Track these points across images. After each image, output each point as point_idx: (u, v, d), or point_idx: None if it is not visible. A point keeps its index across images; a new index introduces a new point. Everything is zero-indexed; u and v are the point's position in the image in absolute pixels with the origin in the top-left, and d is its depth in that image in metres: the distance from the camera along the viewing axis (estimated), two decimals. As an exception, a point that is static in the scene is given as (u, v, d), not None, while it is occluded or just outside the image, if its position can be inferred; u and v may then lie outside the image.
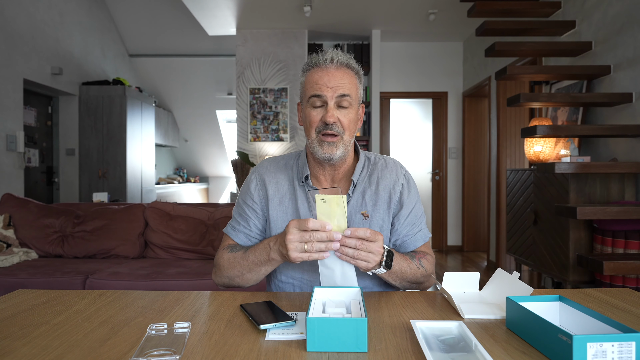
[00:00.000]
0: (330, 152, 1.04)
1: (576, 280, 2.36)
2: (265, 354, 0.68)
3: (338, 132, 1.03)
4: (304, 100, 1.07)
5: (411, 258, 1.05)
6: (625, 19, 2.49)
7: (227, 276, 1.07)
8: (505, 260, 4.29)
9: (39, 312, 0.88)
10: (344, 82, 1.03)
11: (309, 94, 1.04)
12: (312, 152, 1.07)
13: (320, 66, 1.04)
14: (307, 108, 1.06)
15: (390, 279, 1.01)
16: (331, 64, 1.03)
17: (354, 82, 1.06)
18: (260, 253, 1.00)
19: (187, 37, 6.13)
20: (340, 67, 1.04)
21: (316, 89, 1.02)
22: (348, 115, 1.04)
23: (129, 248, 2.83)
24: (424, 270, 1.06)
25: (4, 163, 3.98)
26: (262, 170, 1.17)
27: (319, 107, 1.04)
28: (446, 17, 4.53)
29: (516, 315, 0.75)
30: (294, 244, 0.90)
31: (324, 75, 1.03)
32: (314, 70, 1.05)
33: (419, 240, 1.13)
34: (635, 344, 0.58)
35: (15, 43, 4.09)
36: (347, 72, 1.05)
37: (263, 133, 5.06)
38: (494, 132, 4.55)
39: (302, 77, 1.08)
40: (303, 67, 1.09)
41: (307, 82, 1.06)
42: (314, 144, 1.05)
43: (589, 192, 2.38)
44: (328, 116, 1.01)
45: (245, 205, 1.15)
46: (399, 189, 1.12)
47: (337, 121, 1.03)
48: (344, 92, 1.02)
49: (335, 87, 1.02)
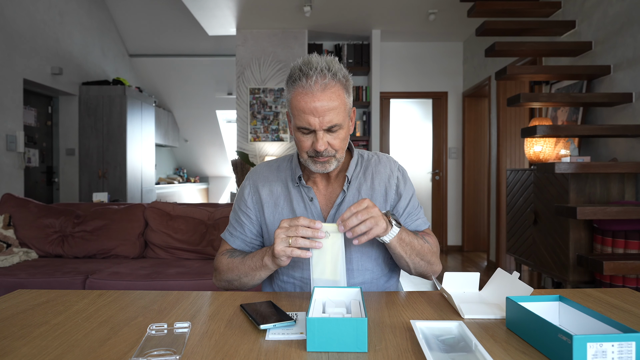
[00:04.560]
0: (324, 168, 1.04)
1: (576, 280, 2.36)
2: (265, 354, 0.68)
3: (329, 154, 1.02)
4: (293, 124, 1.03)
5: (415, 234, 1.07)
6: (625, 19, 2.49)
7: (226, 280, 1.10)
8: (505, 260, 4.29)
9: (39, 312, 0.88)
10: (331, 106, 0.96)
11: (297, 124, 1.00)
12: (306, 166, 1.08)
13: (305, 89, 0.96)
14: (296, 132, 1.03)
15: (402, 250, 1.01)
16: (316, 86, 0.95)
17: (341, 99, 0.99)
18: (257, 259, 1.02)
19: (187, 37, 6.13)
20: (326, 89, 0.96)
21: (304, 121, 0.97)
22: (339, 137, 1.02)
23: (129, 248, 2.83)
24: (429, 246, 1.07)
25: (4, 163, 3.98)
26: (255, 175, 1.18)
27: (308, 134, 1.01)
28: (446, 17, 4.53)
29: (516, 315, 0.75)
30: (280, 237, 0.91)
31: (310, 101, 0.95)
32: (297, 93, 0.97)
33: (419, 227, 1.16)
34: (635, 344, 0.58)
35: (15, 43, 4.09)
36: (334, 89, 0.97)
37: (263, 133, 5.06)
38: (494, 132, 4.55)
39: (287, 92, 1.02)
40: (287, 79, 1.01)
41: (293, 106, 0.99)
42: (307, 162, 1.05)
43: (589, 192, 2.38)
44: (318, 145, 0.99)
45: (239, 211, 1.17)
46: (395, 182, 1.14)
47: (328, 146, 1.01)
48: (331, 123, 0.97)
49: (322, 119, 0.96)
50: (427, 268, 1.08)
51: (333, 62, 0.99)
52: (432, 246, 1.09)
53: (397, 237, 0.98)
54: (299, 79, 0.97)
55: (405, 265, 1.06)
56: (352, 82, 1.07)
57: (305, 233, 0.90)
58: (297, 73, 0.98)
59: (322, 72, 0.96)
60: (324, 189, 1.14)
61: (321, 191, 1.14)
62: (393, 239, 0.98)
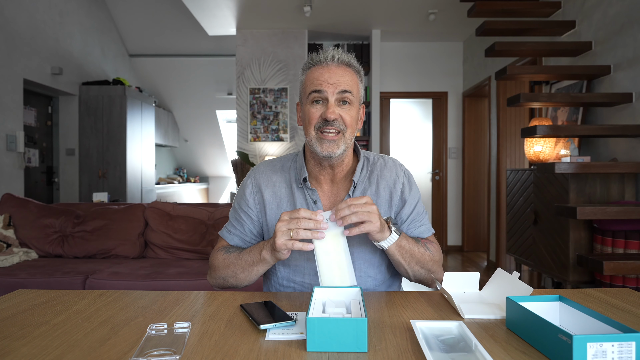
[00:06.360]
0: (331, 150, 1.01)
1: (576, 280, 2.36)
2: (265, 354, 0.68)
3: (340, 128, 1.01)
4: (304, 97, 1.05)
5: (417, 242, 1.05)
6: (625, 19, 2.49)
7: (221, 277, 1.07)
8: (505, 260, 4.29)
9: (39, 312, 0.88)
10: (345, 78, 1.02)
11: (309, 90, 1.03)
12: (312, 149, 1.05)
13: (322, 64, 1.03)
14: (306, 105, 1.04)
15: (401, 257, 1.00)
16: (332, 61, 1.02)
17: (355, 80, 1.05)
18: (255, 253, 1.00)
19: (187, 37, 6.13)
20: (341, 65, 1.03)
21: (317, 84, 1.01)
22: (350, 112, 1.03)
23: (129, 248, 2.83)
24: (430, 254, 1.05)
25: (4, 163, 3.98)
26: (258, 175, 1.15)
27: (319, 104, 1.02)
28: (446, 17, 4.53)
29: (516, 315, 0.75)
30: (281, 230, 0.90)
31: (325, 72, 1.01)
32: (314, 68, 1.04)
33: (423, 234, 1.13)
34: (635, 344, 0.58)
35: (15, 43, 4.09)
36: (348, 70, 1.04)
37: (263, 133, 5.06)
38: (494, 132, 4.55)
39: (302, 75, 1.07)
40: (303, 65, 1.07)
41: (307, 80, 1.04)
42: (313, 141, 1.03)
43: (589, 192, 2.38)
44: (329, 112, 0.99)
45: (240, 210, 1.14)
46: (400, 187, 1.12)
47: (339, 117, 1.01)
48: (345, 88, 1.01)
49: (336, 84, 1.01)
50: (427, 276, 1.07)
51: (349, 54, 1.06)
52: (433, 254, 1.07)
53: (396, 244, 0.97)
54: (316, 58, 1.04)
55: (404, 271, 1.05)
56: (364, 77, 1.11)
57: (307, 225, 0.89)
58: (314, 55, 1.05)
59: (339, 53, 1.04)
60: (329, 191, 1.11)
61: (325, 193, 1.11)
62: (391, 245, 0.97)
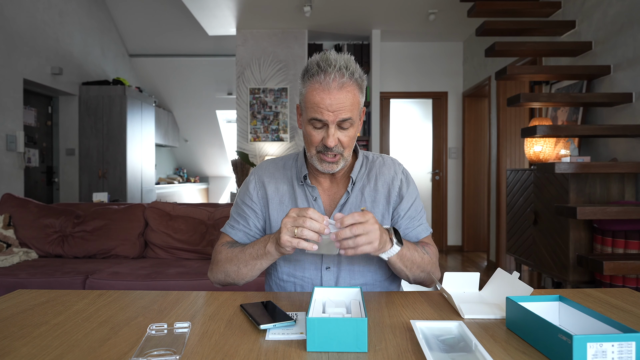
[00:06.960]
0: (330, 168, 1.05)
1: (576, 280, 2.36)
2: (265, 354, 0.68)
3: (339, 152, 1.03)
4: (304, 114, 1.04)
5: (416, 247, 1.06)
6: (625, 19, 2.49)
7: (224, 272, 1.07)
8: (505, 260, 4.29)
9: (39, 312, 0.88)
10: (346, 103, 0.98)
11: (309, 115, 1.01)
12: (312, 163, 1.08)
13: (322, 85, 0.97)
14: (307, 125, 1.03)
15: (402, 265, 1.01)
16: (334, 83, 0.97)
17: (356, 98, 1.01)
18: (259, 246, 1.00)
19: (187, 37, 6.13)
20: (343, 86, 0.97)
21: (317, 112, 0.98)
22: (348, 134, 1.03)
23: (129, 248, 2.83)
24: (429, 257, 1.07)
25: (4, 163, 3.98)
26: (261, 171, 1.18)
27: (320, 128, 1.02)
28: (446, 17, 4.53)
29: (516, 315, 0.75)
30: (287, 226, 0.90)
31: (326, 97, 0.97)
32: (314, 88, 0.98)
33: (420, 233, 1.14)
34: (635, 344, 0.58)
35: (15, 43, 4.09)
36: (350, 88, 0.99)
37: (263, 133, 5.06)
38: (494, 132, 4.55)
39: (302, 86, 1.03)
40: (303, 73, 1.03)
41: (307, 99, 1.00)
42: (314, 159, 1.05)
43: (589, 192, 2.38)
44: (329, 141, 0.99)
45: (244, 205, 1.16)
46: (398, 184, 1.14)
47: (338, 142, 1.02)
48: (345, 116, 0.98)
49: (337, 112, 0.98)
50: (427, 278, 1.08)
51: (350, 61, 1.00)
52: (431, 257, 1.08)
53: (398, 254, 0.98)
54: (316, 74, 0.98)
55: (405, 277, 1.06)
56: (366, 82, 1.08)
57: (313, 226, 0.88)
58: (314, 68, 0.99)
59: (340, 71, 0.97)
60: (329, 189, 1.14)
61: (325, 191, 1.14)
62: (392, 256, 0.98)
